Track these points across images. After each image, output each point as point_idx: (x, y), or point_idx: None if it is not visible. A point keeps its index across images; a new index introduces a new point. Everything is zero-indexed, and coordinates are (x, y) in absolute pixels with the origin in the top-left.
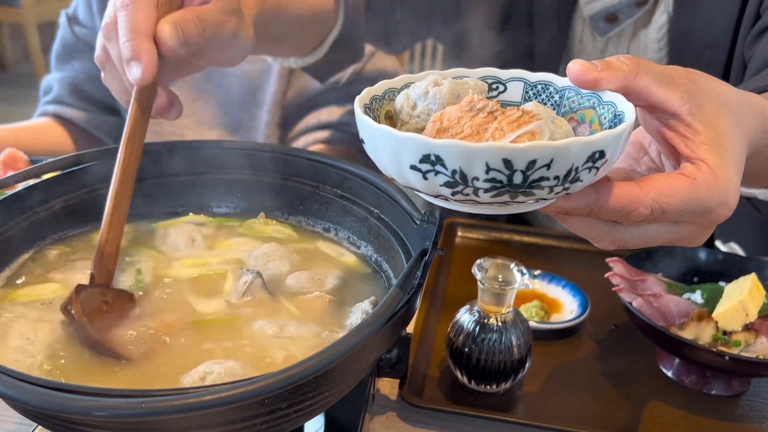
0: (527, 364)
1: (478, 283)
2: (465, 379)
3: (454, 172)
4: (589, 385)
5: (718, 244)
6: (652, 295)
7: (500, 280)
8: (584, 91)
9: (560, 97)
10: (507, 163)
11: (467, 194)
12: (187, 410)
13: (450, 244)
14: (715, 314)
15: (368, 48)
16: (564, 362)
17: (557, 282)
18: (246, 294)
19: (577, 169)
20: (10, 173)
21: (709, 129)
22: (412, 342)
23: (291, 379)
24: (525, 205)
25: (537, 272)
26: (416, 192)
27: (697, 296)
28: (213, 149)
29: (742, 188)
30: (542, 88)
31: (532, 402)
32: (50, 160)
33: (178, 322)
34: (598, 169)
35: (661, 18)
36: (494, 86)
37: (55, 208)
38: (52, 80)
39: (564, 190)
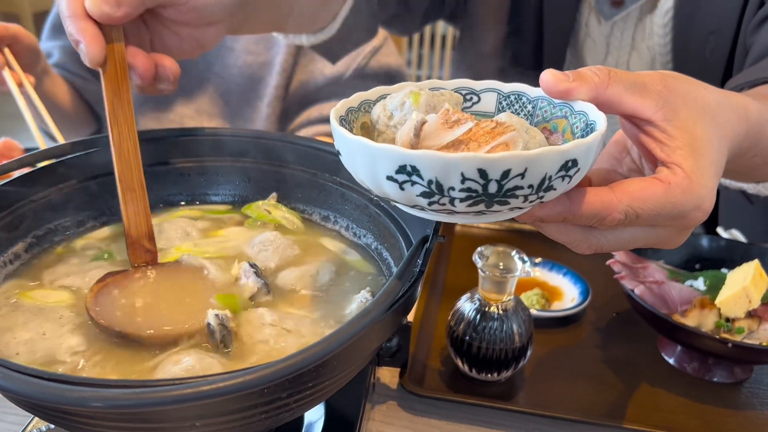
0: (528, 352)
1: (479, 270)
2: (466, 368)
3: (430, 182)
4: (591, 373)
5: (720, 231)
6: (654, 282)
7: (501, 267)
8: (556, 100)
9: (533, 107)
10: (482, 173)
11: (443, 204)
12: (185, 400)
13: (450, 231)
14: (717, 301)
15: (371, 44)
16: (565, 350)
17: (558, 269)
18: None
19: (550, 178)
20: (4, 162)
21: (685, 134)
22: (413, 331)
23: (290, 369)
24: (500, 214)
25: (538, 260)
26: (393, 203)
27: (700, 283)
28: (209, 137)
29: (732, 182)
30: (515, 98)
31: (533, 390)
32: (44, 148)
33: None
34: (571, 177)
35: (666, 3)
36: (468, 97)
37: (49, 197)
38: (51, 47)
39: (538, 198)
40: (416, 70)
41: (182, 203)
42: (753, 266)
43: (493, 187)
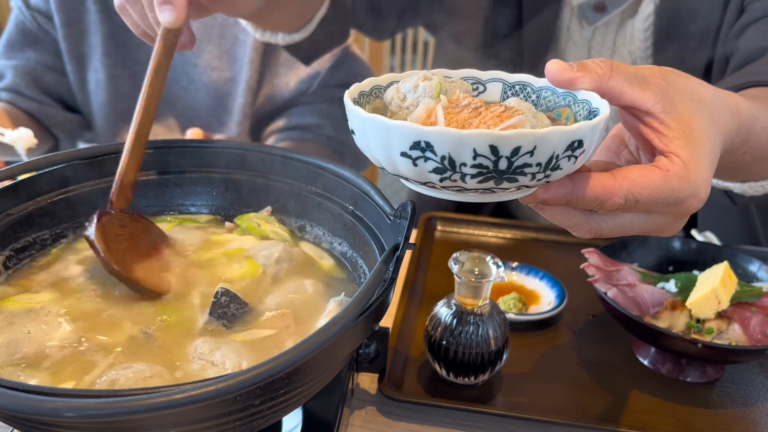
0: (504, 356)
1: (455, 276)
2: (444, 372)
3: (443, 158)
4: (567, 375)
5: (694, 233)
6: (626, 285)
7: (476, 273)
8: (560, 90)
9: (537, 97)
10: (493, 149)
11: (455, 180)
12: (157, 409)
13: (429, 238)
14: (688, 303)
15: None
16: (542, 353)
17: (535, 274)
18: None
19: (557, 157)
20: None
21: (682, 125)
22: (392, 336)
23: (262, 376)
24: (507, 193)
25: (515, 264)
26: (404, 181)
27: (671, 285)
28: (185, 148)
29: (719, 181)
30: (520, 88)
31: (510, 393)
32: (24, 161)
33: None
34: (576, 158)
35: (647, 8)
36: (474, 86)
37: (28, 209)
38: (3, 67)
39: (545, 177)
40: None
41: (164, 213)
42: (722, 268)
43: (503, 164)
